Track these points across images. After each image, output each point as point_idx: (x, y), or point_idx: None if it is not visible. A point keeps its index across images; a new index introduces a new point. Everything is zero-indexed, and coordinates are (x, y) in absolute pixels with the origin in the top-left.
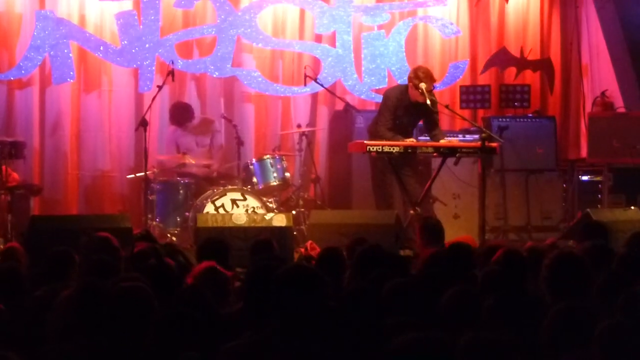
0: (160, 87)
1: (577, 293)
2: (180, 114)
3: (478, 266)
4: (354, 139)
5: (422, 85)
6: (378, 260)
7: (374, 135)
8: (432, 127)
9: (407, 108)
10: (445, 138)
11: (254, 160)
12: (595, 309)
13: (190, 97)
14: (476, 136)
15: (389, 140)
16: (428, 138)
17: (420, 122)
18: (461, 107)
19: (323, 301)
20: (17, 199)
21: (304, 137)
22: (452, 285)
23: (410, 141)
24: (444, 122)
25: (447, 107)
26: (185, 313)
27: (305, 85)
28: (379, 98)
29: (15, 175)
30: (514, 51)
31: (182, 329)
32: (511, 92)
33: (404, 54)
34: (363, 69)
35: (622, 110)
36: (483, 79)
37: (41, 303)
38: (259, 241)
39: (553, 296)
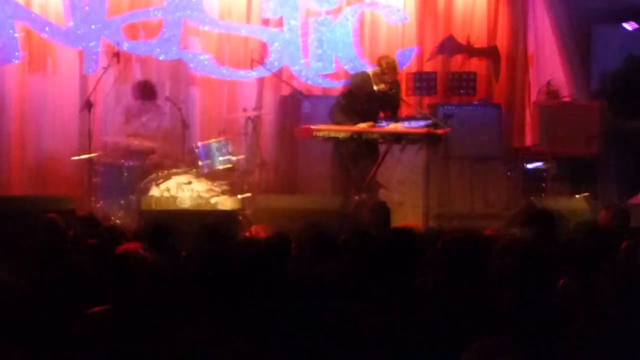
0: (105, 69)
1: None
2: (148, 89)
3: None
4: (300, 124)
5: (387, 77)
6: (329, 246)
7: (330, 114)
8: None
9: (369, 95)
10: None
11: (199, 144)
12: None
13: (136, 79)
14: (422, 123)
15: (338, 121)
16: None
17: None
18: (407, 94)
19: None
20: None
21: (249, 122)
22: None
23: (358, 126)
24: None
25: (392, 92)
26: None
27: (251, 69)
28: (326, 83)
29: None
30: (461, 39)
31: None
32: (457, 79)
33: (352, 39)
34: (310, 54)
35: (568, 99)
36: (430, 66)
37: None
38: (204, 225)
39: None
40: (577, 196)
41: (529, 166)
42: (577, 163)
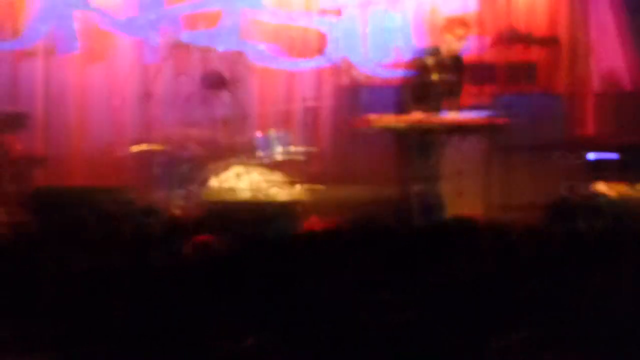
0: (165, 60)
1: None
2: (220, 79)
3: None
4: (359, 115)
5: (459, 31)
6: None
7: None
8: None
9: (439, 71)
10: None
11: (258, 134)
12: None
13: (195, 69)
14: (482, 112)
15: (412, 109)
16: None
17: None
18: (467, 84)
19: None
20: (21, 170)
21: (309, 112)
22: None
23: (417, 115)
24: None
25: (455, 85)
26: None
27: (311, 59)
28: (386, 73)
29: (18, 146)
30: (522, 28)
31: None
32: (518, 69)
33: (411, 29)
34: (369, 43)
35: (629, 87)
36: (490, 56)
37: None
38: (263, 216)
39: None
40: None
41: (592, 156)
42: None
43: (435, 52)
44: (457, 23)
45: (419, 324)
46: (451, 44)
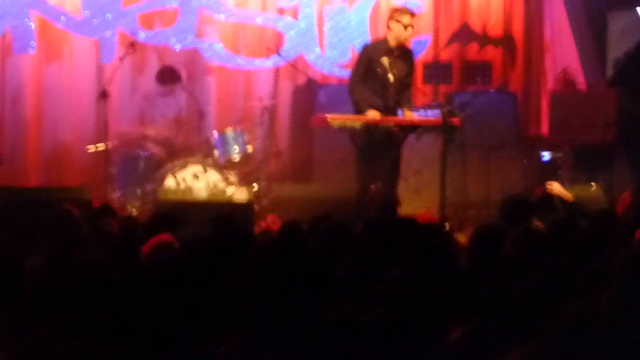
0: (121, 59)
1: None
2: (173, 73)
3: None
4: (316, 114)
5: (405, 19)
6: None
7: (349, 93)
8: (403, 84)
9: (383, 61)
10: (412, 110)
11: (215, 134)
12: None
13: (152, 69)
14: (438, 112)
15: (358, 96)
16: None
17: None
18: (423, 83)
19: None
20: None
21: (265, 111)
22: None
23: (373, 115)
24: None
25: (409, 84)
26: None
27: (267, 58)
28: (342, 72)
29: None
30: (476, 27)
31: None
32: (473, 68)
33: (367, 28)
34: (325, 43)
35: (584, 87)
36: (445, 55)
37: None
38: (219, 215)
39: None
40: (592, 184)
41: (545, 155)
42: (593, 151)
43: (382, 42)
44: (402, 11)
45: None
46: (397, 33)
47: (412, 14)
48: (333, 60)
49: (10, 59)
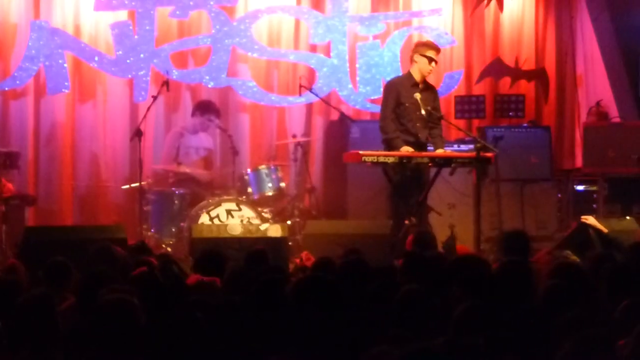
0: (155, 97)
1: (577, 303)
2: (207, 105)
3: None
4: (349, 149)
5: (429, 53)
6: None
7: (380, 130)
8: (434, 120)
9: (410, 95)
10: (444, 148)
11: (249, 171)
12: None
13: (186, 107)
14: (471, 146)
15: (391, 134)
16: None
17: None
18: (456, 117)
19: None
20: (12, 210)
21: (299, 147)
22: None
23: (406, 150)
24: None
25: (442, 117)
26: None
27: (300, 95)
28: (374, 108)
29: (9, 185)
30: (509, 61)
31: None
32: (506, 102)
33: (399, 64)
34: (358, 78)
35: (617, 120)
36: (478, 89)
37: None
38: (254, 251)
39: (557, 306)
40: (627, 217)
41: (580, 188)
42: (628, 184)
43: (407, 76)
44: (427, 45)
45: None
46: (422, 66)
47: (437, 49)
48: (366, 95)
49: (44, 99)
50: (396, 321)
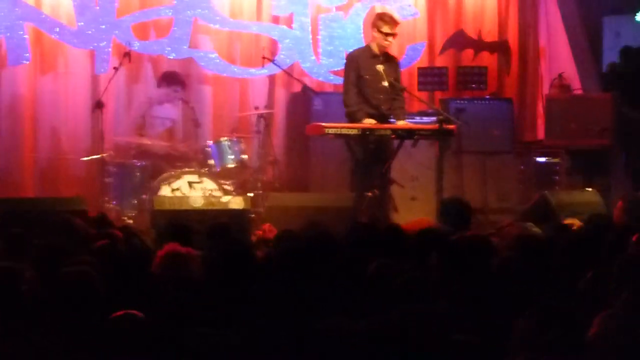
0: (116, 69)
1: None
2: (173, 76)
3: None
4: (311, 121)
5: (385, 29)
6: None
7: (343, 104)
8: (396, 92)
9: (371, 67)
10: (405, 119)
11: (210, 142)
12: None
13: (147, 78)
14: (433, 118)
15: (353, 107)
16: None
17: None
18: (419, 89)
19: None
20: None
21: (261, 119)
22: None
23: (368, 123)
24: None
25: (404, 89)
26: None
27: (262, 66)
28: (337, 80)
29: None
30: (471, 33)
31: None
32: (468, 74)
33: (362, 35)
34: (321, 50)
35: (580, 92)
36: (440, 61)
37: None
38: (216, 224)
39: (513, 277)
40: (589, 189)
41: (542, 160)
42: (589, 156)
43: (367, 48)
44: (383, 21)
45: None
46: (379, 41)
47: (394, 23)
48: (328, 67)
49: (4, 70)
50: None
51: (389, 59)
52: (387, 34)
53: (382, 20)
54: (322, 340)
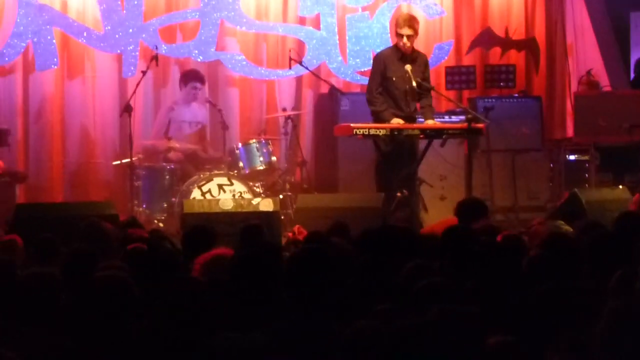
0: (144, 73)
1: (569, 274)
2: (188, 73)
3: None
4: (339, 122)
5: (404, 31)
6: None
7: (368, 103)
8: (423, 92)
9: (398, 69)
10: (434, 119)
11: (239, 145)
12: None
13: (174, 82)
14: (462, 117)
15: (378, 107)
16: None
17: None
18: (447, 89)
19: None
20: (2, 187)
21: (289, 121)
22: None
23: (397, 122)
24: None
25: (432, 88)
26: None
27: (289, 68)
28: (364, 80)
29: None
30: (499, 31)
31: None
32: (496, 72)
33: (389, 35)
34: (348, 51)
35: (608, 88)
36: (468, 60)
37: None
38: (249, 226)
39: (543, 276)
40: (620, 187)
41: (571, 157)
42: (619, 153)
43: (394, 49)
44: (402, 23)
45: None
46: (401, 44)
47: (410, 24)
48: (355, 68)
49: (33, 75)
50: (386, 295)
51: (416, 58)
52: (401, 35)
53: (397, 24)
54: (353, 343)
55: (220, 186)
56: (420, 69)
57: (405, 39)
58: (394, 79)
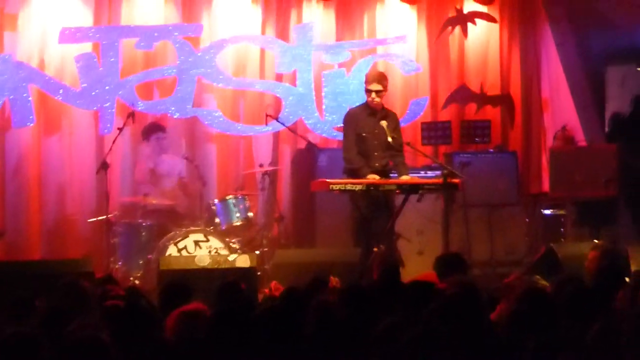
0: (120, 129)
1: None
2: (147, 127)
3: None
4: (316, 177)
5: (372, 87)
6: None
7: (344, 161)
8: (397, 147)
9: (368, 125)
10: (408, 174)
11: (216, 201)
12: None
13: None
14: (438, 172)
15: (355, 164)
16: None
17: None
18: (423, 144)
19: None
20: None
21: (266, 176)
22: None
23: (372, 178)
24: (406, 159)
25: (408, 144)
26: None
27: (266, 124)
28: (341, 136)
29: None
30: (474, 87)
31: None
32: (472, 127)
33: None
34: (324, 107)
35: (583, 143)
36: (444, 115)
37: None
38: (226, 283)
39: (517, 331)
40: (596, 241)
41: (547, 212)
42: (595, 207)
43: (364, 106)
44: (370, 80)
45: None
46: (369, 99)
47: (378, 80)
48: (332, 124)
49: (9, 133)
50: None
51: (387, 115)
52: (370, 91)
53: (367, 78)
54: None
55: (196, 242)
56: (391, 126)
57: (374, 95)
58: (363, 134)
